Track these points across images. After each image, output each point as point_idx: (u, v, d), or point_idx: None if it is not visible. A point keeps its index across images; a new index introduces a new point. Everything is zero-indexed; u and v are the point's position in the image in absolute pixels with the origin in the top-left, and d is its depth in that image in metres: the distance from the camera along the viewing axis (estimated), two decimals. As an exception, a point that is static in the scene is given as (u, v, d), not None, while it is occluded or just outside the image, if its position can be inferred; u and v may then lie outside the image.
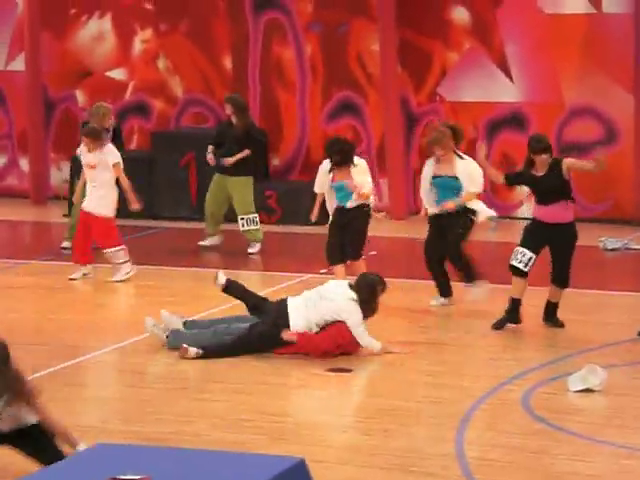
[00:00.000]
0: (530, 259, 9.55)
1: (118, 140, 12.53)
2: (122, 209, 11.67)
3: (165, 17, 15.56)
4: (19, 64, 15.84)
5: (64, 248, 12.53)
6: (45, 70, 15.70)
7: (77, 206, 11.76)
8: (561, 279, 9.67)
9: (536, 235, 9.61)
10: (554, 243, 9.61)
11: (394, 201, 14.98)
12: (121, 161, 11.47)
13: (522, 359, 9.08)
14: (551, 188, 9.54)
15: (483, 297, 10.51)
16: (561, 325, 9.75)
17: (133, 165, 13.97)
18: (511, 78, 14.53)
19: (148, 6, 15.63)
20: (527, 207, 12.78)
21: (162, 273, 11.93)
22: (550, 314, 9.79)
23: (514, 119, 14.53)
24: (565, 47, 14.26)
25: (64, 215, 14.32)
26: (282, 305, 8.98)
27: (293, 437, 7.44)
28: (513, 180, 10.06)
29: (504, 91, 14.55)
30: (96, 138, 11.33)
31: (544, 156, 9.54)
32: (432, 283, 10.51)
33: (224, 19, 15.39)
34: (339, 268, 10.60)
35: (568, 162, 9.66)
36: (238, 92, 14.20)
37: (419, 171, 15.30)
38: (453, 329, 9.92)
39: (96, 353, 9.11)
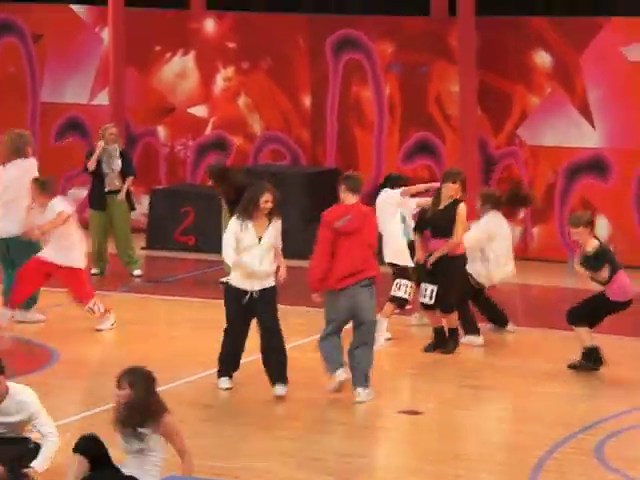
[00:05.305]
0: None
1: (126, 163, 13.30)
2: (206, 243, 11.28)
3: (247, 56, 15.74)
4: (103, 98, 16.12)
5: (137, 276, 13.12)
6: (128, 105, 15.95)
7: None
8: None
9: None
10: None
11: (470, 243, 14.88)
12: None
13: (596, 408, 8.95)
14: None
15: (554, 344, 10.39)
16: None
17: (208, 200, 14.17)
18: (592, 124, 14.42)
19: (231, 45, 15.83)
20: None
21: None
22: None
23: (594, 165, 14.40)
24: (647, 94, 14.12)
25: (142, 248, 14.53)
26: None
27: (362, 478, 7.39)
28: None
29: (585, 136, 14.44)
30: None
31: None
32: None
33: (305, 58, 15.52)
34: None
35: None
36: (314, 130, 14.08)
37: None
38: (527, 375, 9.82)
39: (168, 386, 9.17)
